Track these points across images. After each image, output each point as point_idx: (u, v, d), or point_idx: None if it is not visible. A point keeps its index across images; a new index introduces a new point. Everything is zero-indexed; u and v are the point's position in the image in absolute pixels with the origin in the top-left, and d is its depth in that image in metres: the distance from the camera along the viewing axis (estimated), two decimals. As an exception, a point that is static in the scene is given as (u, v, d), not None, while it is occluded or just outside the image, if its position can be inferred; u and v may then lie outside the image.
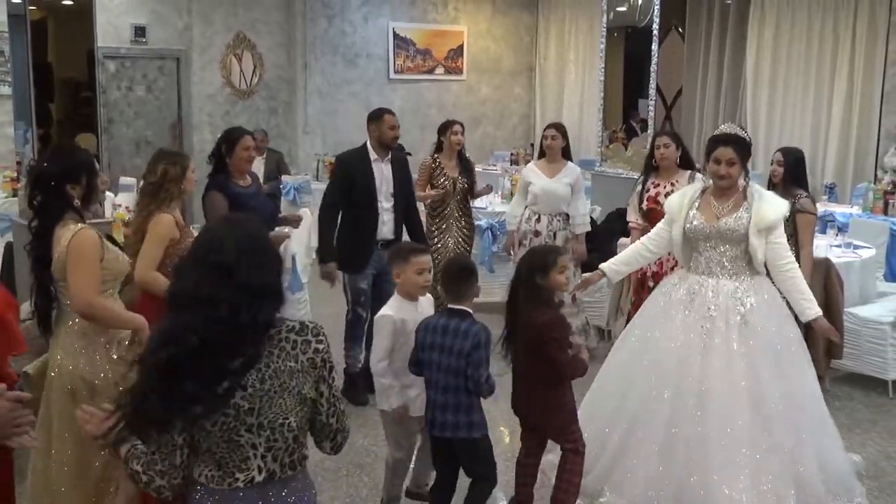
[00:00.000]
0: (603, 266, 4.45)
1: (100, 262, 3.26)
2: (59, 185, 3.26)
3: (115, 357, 3.30)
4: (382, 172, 5.44)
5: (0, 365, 3.05)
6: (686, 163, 5.86)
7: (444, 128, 6.45)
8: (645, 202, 5.83)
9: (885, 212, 8.00)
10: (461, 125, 6.47)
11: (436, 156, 6.43)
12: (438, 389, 3.64)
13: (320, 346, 2.27)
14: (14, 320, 3.04)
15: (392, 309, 3.87)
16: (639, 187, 5.94)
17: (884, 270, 7.10)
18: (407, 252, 3.95)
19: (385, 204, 5.44)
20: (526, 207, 6.38)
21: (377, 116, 5.48)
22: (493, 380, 3.63)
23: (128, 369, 3.18)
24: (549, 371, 3.83)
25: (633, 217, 6.00)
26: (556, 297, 4.01)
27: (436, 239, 6.38)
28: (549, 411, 3.94)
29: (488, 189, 7.22)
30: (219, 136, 5.26)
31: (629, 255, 4.51)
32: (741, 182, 4.13)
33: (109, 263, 3.31)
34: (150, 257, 3.98)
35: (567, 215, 6.34)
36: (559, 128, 6.49)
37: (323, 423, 2.33)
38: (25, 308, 3.53)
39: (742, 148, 4.08)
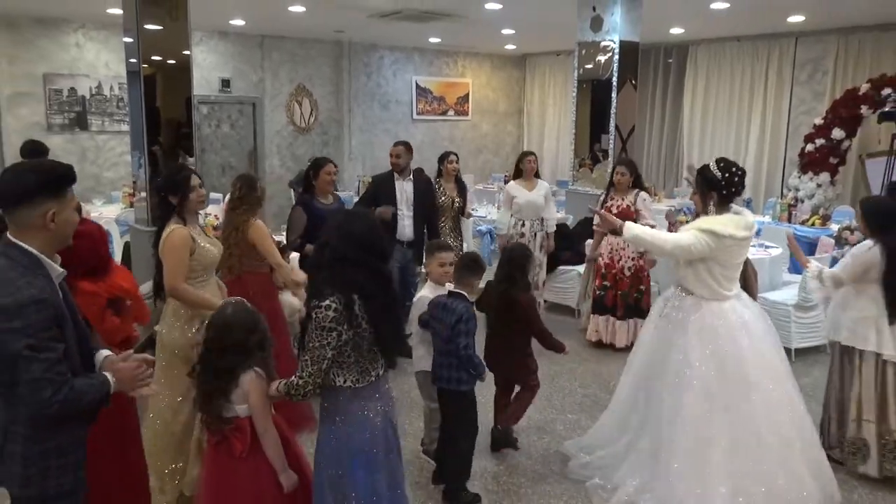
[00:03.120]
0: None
1: (190, 254, 3.21)
2: (164, 195, 3.31)
3: (194, 331, 3.19)
4: (403, 188, 5.44)
5: (128, 328, 3.06)
6: (637, 184, 5.89)
7: (443, 158, 6.17)
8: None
9: (789, 220, 8.03)
10: (456, 155, 6.20)
11: (438, 179, 6.14)
12: (437, 351, 3.59)
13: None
14: (142, 297, 3.06)
15: (427, 291, 3.78)
16: (602, 199, 5.95)
17: (787, 265, 7.07)
18: (433, 248, 3.84)
19: (406, 212, 5.42)
20: (511, 216, 6.30)
21: (391, 149, 5.55)
22: (471, 350, 3.43)
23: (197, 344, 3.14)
24: (523, 334, 3.93)
25: (597, 222, 5.98)
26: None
27: None
28: (517, 364, 4.00)
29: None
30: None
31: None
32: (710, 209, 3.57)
33: (199, 256, 3.26)
34: (273, 252, 4.04)
35: (542, 219, 6.29)
36: (535, 155, 6.51)
37: None
38: (146, 287, 3.51)
39: (700, 180, 3.58)
